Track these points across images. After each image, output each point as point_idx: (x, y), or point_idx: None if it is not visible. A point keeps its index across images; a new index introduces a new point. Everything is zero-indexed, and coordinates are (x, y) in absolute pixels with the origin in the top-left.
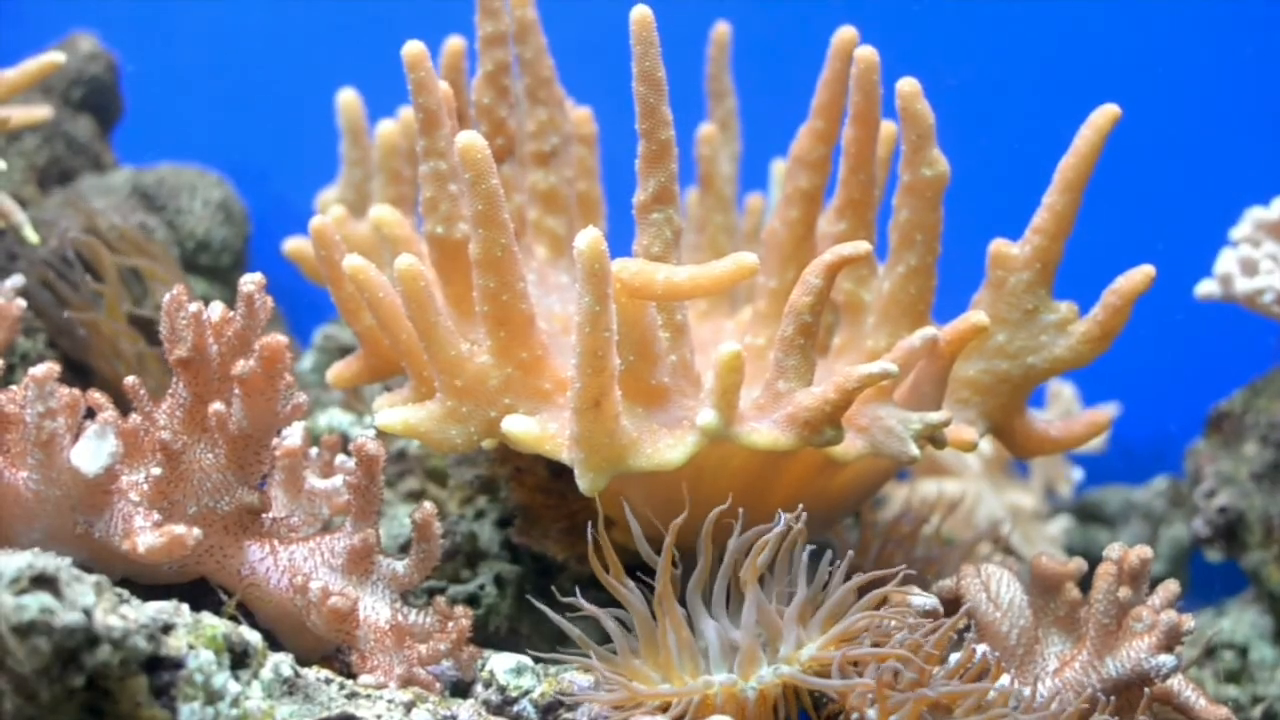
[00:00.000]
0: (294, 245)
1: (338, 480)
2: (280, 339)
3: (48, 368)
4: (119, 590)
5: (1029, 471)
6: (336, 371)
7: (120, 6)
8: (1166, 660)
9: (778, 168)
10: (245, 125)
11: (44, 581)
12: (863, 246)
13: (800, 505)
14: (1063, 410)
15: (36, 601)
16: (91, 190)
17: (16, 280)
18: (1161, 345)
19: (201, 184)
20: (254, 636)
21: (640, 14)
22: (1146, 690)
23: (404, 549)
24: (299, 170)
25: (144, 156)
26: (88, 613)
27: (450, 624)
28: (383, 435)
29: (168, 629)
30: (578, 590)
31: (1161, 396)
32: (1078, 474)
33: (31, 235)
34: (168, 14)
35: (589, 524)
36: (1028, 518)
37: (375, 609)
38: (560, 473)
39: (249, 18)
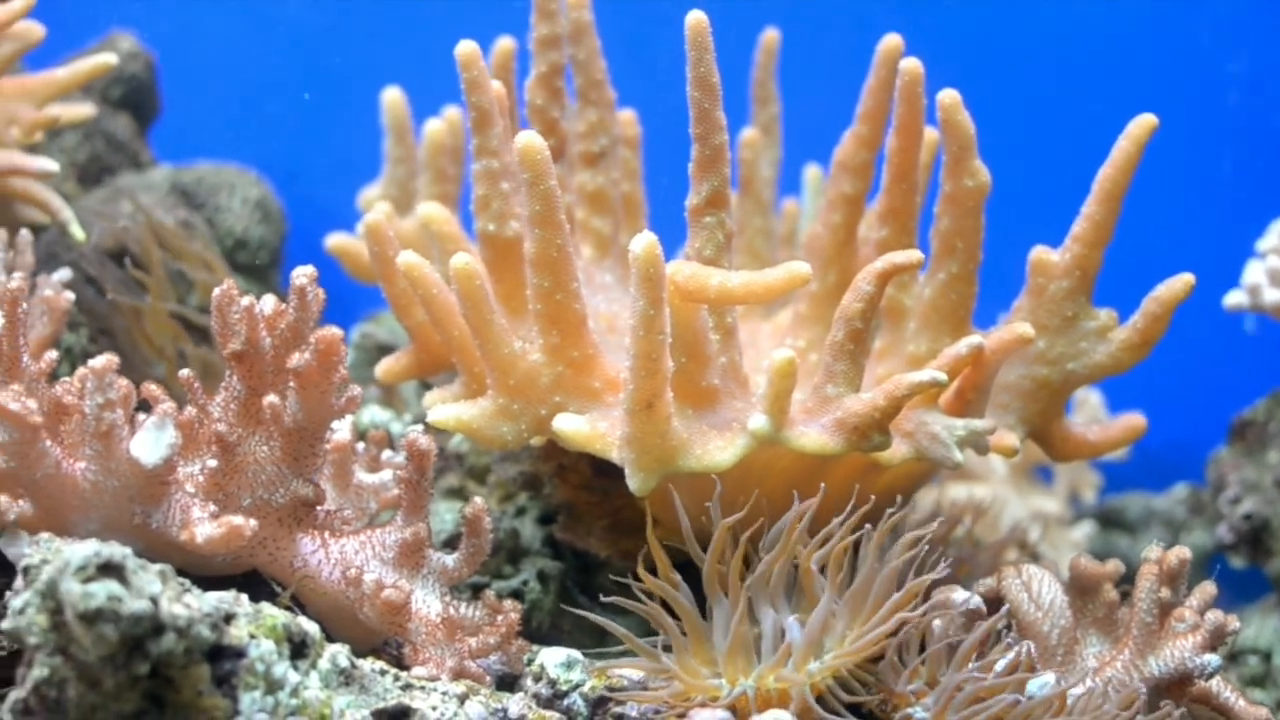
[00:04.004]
0: (336, 241)
1: (386, 475)
2: (336, 331)
3: (107, 359)
4: (181, 579)
5: (1052, 477)
6: (386, 367)
7: (159, 6)
8: (1211, 659)
9: (811, 173)
10: (280, 125)
11: (111, 569)
12: (914, 255)
13: (843, 508)
14: (1089, 417)
15: (104, 589)
16: (130, 188)
17: (64, 274)
18: (1181, 354)
19: (240, 182)
20: (312, 627)
21: (695, 19)
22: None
23: (446, 545)
24: (332, 169)
25: (180, 155)
26: (154, 601)
27: (499, 618)
28: (432, 431)
29: (229, 618)
30: (621, 586)
31: (1181, 405)
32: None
33: (77, 231)
34: (204, 14)
35: (631, 522)
36: (1052, 523)
37: (426, 602)
38: (603, 470)
39: (282, 19)
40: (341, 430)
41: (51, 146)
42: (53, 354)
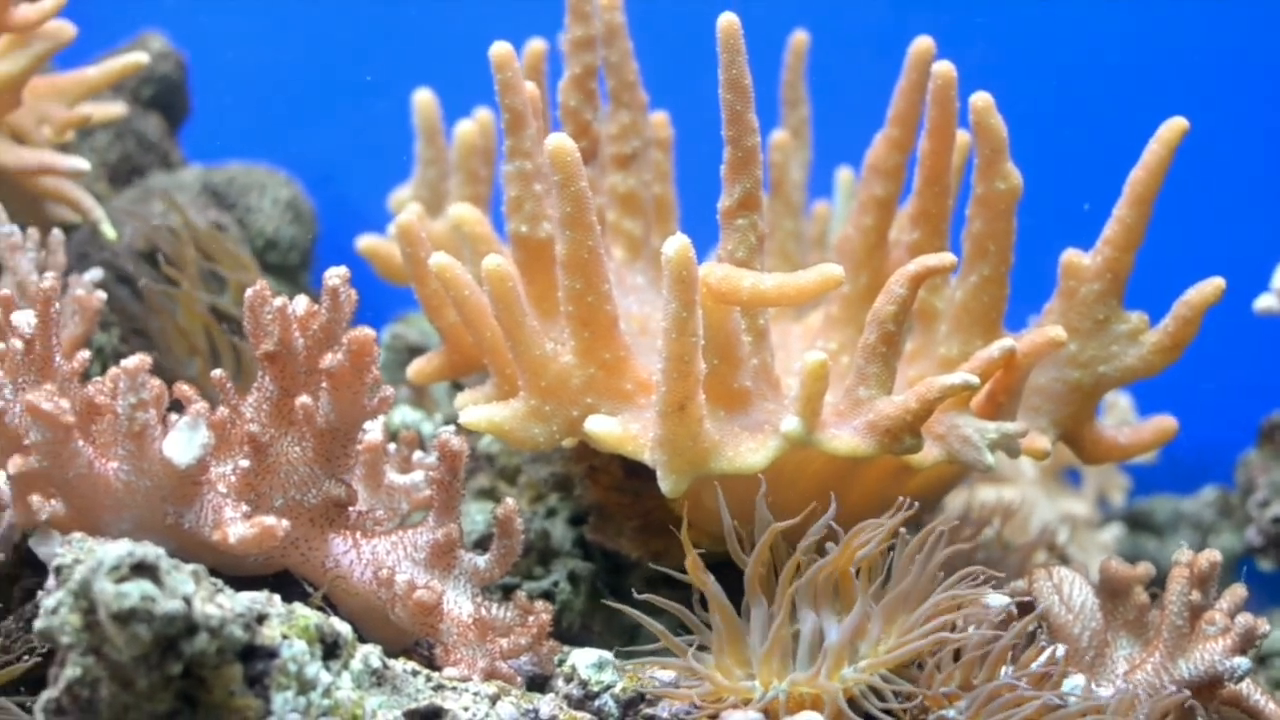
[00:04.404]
0: (367, 243)
1: (417, 475)
2: (368, 331)
3: (139, 359)
4: (214, 579)
5: (1080, 479)
6: (417, 367)
7: (190, 6)
8: (1241, 663)
9: (843, 176)
10: (309, 126)
11: (144, 569)
12: (947, 258)
13: (874, 510)
14: (1119, 420)
15: (138, 589)
16: (161, 188)
17: (95, 273)
18: (1211, 357)
19: (271, 183)
20: (344, 628)
21: (727, 21)
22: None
23: (477, 545)
24: (362, 171)
25: (210, 155)
26: (188, 601)
27: (531, 619)
28: (463, 432)
29: (262, 619)
30: (650, 587)
31: (1210, 408)
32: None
33: (109, 231)
34: (235, 14)
35: (662, 523)
36: (1080, 525)
37: (458, 603)
38: (634, 471)
39: (313, 20)
40: (373, 431)
41: (82, 146)
42: (85, 354)
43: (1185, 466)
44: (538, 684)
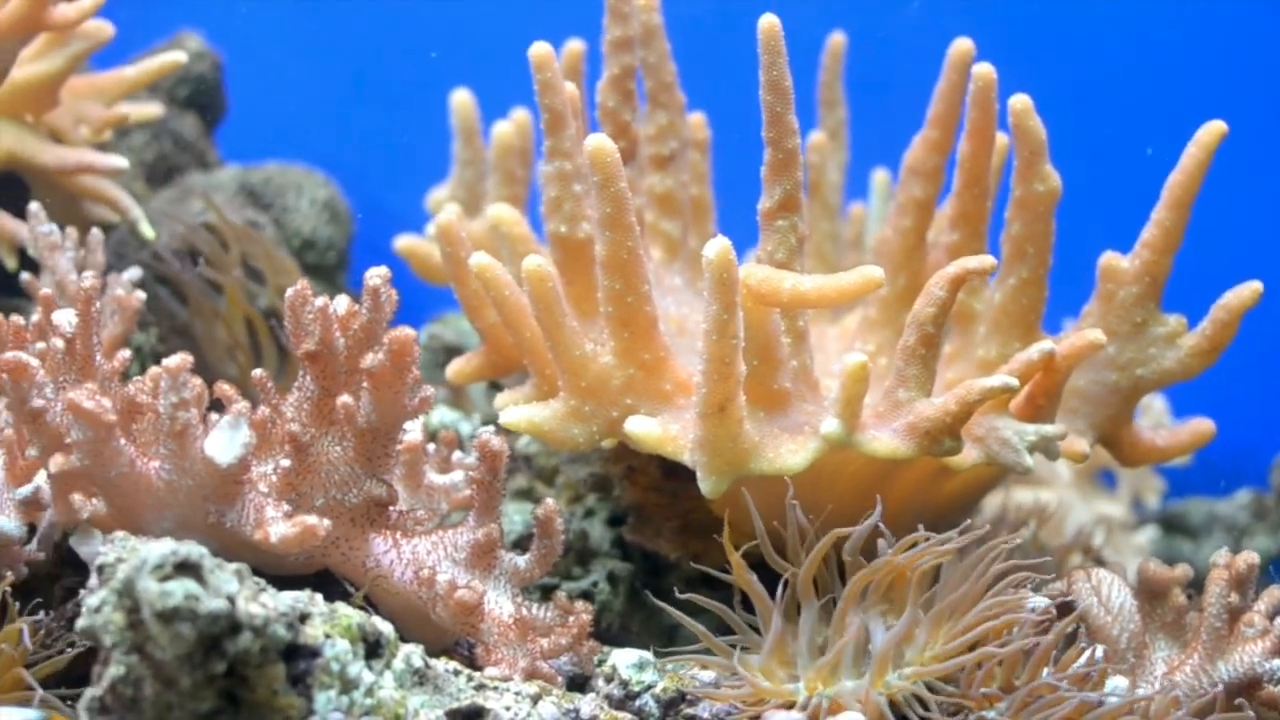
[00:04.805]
0: (405, 243)
1: (457, 475)
2: (409, 331)
3: (181, 358)
4: (256, 578)
5: (1115, 482)
6: (457, 368)
7: (226, 6)
8: None
9: (879, 178)
10: (344, 126)
11: (188, 568)
12: (987, 260)
13: (912, 511)
14: (1154, 422)
15: (182, 588)
16: (198, 188)
17: (134, 272)
18: (1246, 360)
19: (308, 183)
20: (386, 627)
21: (768, 24)
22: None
23: (515, 546)
24: (397, 171)
25: (245, 155)
26: (231, 600)
27: (571, 619)
28: (504, 432)
29: (304, 618)
30: (690, 587)
31: (1245, 410)
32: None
33: (147, 230)
34: (271, 14)
35: (701, 524)
36: (1115, 527)
37: (498, 603)
38: (672, 472)
39: (349, 21)
40: (413, 431)
41: (119, 145)
42: (126, 353)
43: (1220, 469)
44: (577, 684)
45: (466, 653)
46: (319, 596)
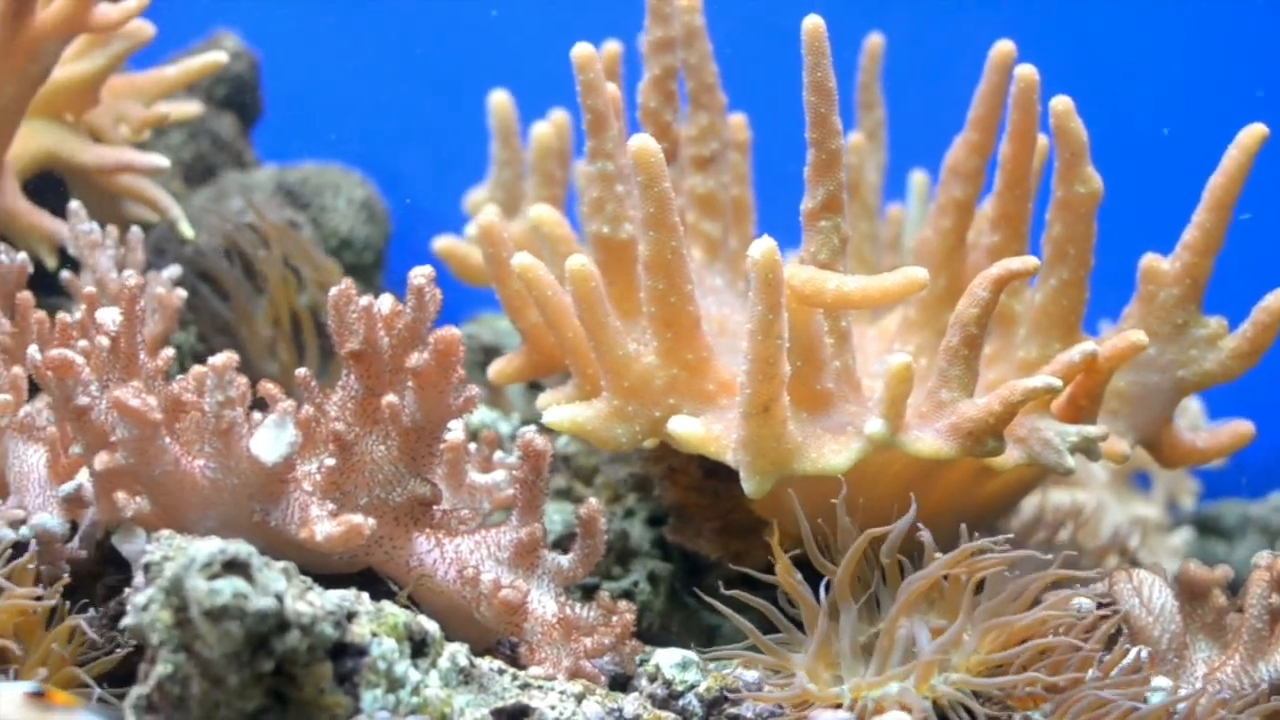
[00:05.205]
0: (444, 244)
1: (499, 475)
2: (455, 331)
3: (226, 357)
4: (303, 577)
5: (1149, 484)
6: (498, 368)
7: (262, 6)
8: None
9: (917, 179)
10: (380, 127)
11: (236, 566)
12: (1030, 261)
13: (953, 512)
14: (1189, 424)
15: (230, 586)
16: (236, 187)
17: (174, 270)
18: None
19: (345, 183)
20: (432, 626)
21: (813, 25)
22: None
23: (555, 545)
24: (433, 172)
25: (281, 155)
26: (279, 598)
27: (614, 618)
28: (546, 431)
29: (351, 616)
30: (733, 587)
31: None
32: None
33: (186, 229)
34: (307, 14)
35: (742, 524)
36: (1150, 529)
37: (542, 602)
38: (713, 472)
39: (384, 21)
40: (455, 430)
41: (157, 145)
42: (169, 351)
43: (1254, 471)
44: (619, 684)
45: (509, 652)
46: (365, 595)
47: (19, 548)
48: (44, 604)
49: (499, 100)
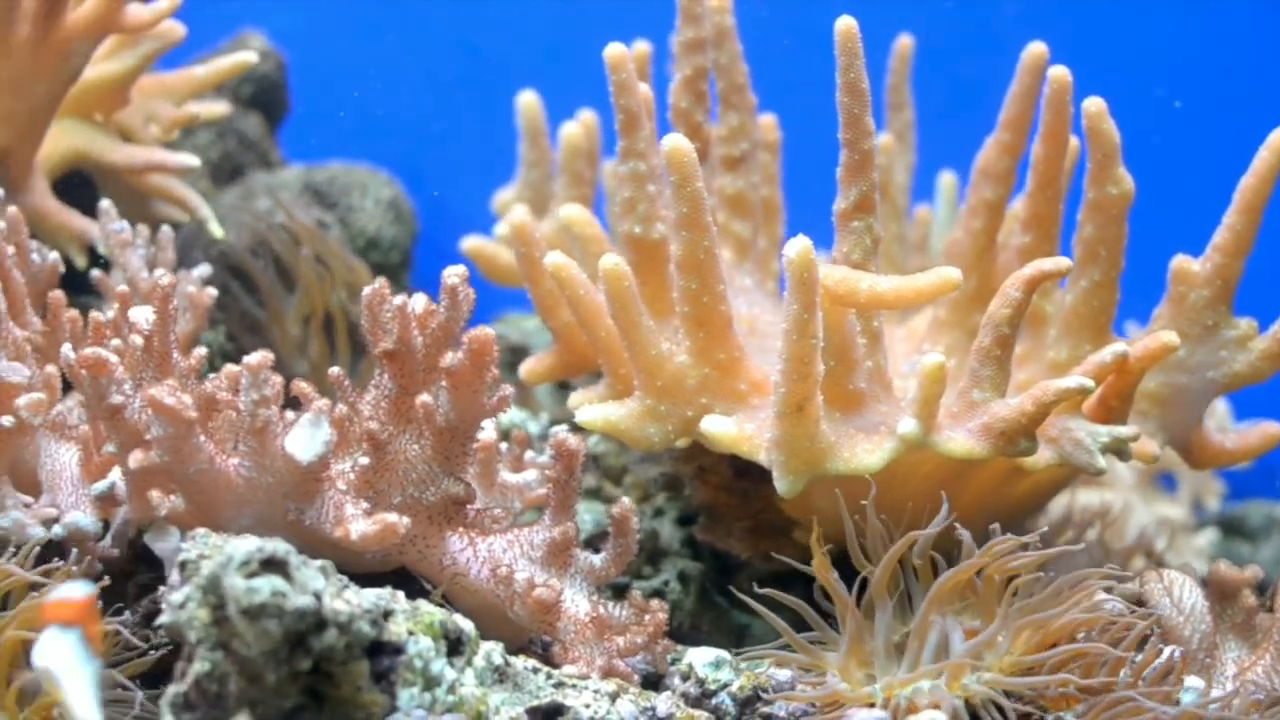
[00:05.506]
0: (472, 243)
1: (530, 474)
2: (488, 330)
3: (261, 355)
4: (340, 575)
5: (1175, 484)
6: (529, 367)
7: (287, 6)
8: None
9: (946, 180)
10: (405, 127)
11: (274, 565)
12: (1063, 262)
13: (985, 512)
14: (1216, 425)
15: (269, 584)
16: (263, 186)
17: (204, 269)
18: None
19: (372, 182)
20: (467, 625)
21: (845, 26)
22: None
23: (586, 545)
24: (458, 172)
25: (307, 155)
26: (318, 596)
27: (647, 617)
28: (579, 431)
29: (388, 615)
30: (764, 586)
31: None
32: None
33: (216, 229)
34: (333, 14)
35: (772, 523)
36: (1175, 530)
37: (575, 601)
38: (743, 472)
39: (410, 22)
40: (487, 430)
41: (185, 144)
42: (202, 350)
43: (1278, 472)
44: (650, 683)
45: (540, 650)
46: (401, 594)
47: (51, 546)
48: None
49: (528, 101)
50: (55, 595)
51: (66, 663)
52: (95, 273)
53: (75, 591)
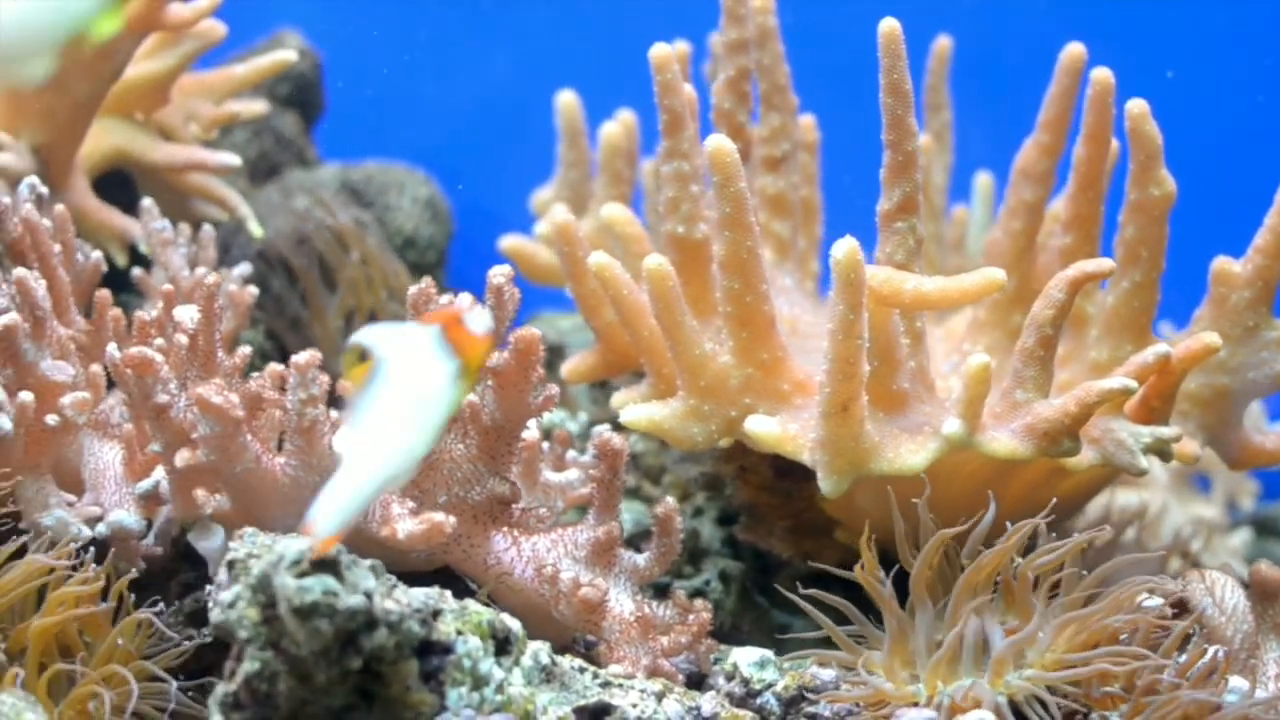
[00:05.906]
0: (511, 242)
1: (572, 474)
2: (535, 330)
3: (309, 355)
4: (388, 575)
5: (1209, 485)
6: (572, 366)
7: (324, 4)
8: None
9: (982, 181)
10: (440, 126)
11: (325, 564)
12: (1105, 264)
13: (1026, 512)
14: (1251, 425)
15: (320, 584)
16: (300, 185)
17: (244, 268)
18: None
19: (409, 181)
20: (515, 624)
21: (889, 27)
22: None
23: (626, 544)
24: (493, 171)
25: (342, 153)
26: (369, 596)
27: (691, 617)
28: (623, 430)
29: (437, 614)
30: (805, 586)
31: None
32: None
33: (255, 228)
34: (369, 13)
35: (813, 523)
36: (1210, 530)
37: (620, 600)
38: (785, 472)
39: (446, 21)
40: (530, 429)
41: (222, 143)
42: (246, 349)
43: None
44: (694, 682)
45: (583, 650)
46: (449, 594)
47: (94, 544)
48: (106, 605)
49: (567, 101)
50: (469, 315)
51: (430, 388)
52: (136, 271)
53: (480, 323)
